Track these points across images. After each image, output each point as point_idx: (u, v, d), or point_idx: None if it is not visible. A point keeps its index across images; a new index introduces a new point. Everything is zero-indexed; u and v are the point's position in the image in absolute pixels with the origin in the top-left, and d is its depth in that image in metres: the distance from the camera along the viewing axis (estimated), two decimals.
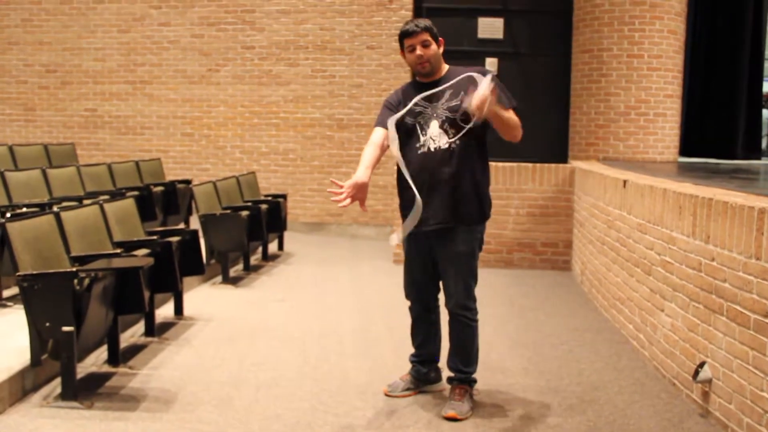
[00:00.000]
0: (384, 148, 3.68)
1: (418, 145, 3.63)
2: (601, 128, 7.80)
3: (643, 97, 7.65)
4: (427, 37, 3.59)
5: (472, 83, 3.49)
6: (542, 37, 8.41)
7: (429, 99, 3.64)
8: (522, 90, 8.17)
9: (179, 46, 9.86)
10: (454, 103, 3.58)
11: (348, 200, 3.41)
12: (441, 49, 3.68)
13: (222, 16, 9.75)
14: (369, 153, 3.62)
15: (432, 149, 3.60)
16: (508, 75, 8.06)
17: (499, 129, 3.55)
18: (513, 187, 7.41)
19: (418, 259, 3.79)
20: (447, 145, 3.58)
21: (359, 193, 3.45)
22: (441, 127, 3.59)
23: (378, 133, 3.69)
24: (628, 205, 5.05)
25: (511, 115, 3.55)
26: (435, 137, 3.60)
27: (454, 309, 3.72)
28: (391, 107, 3.72)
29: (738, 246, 3.34)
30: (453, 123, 3.57)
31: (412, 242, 3.77)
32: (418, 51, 3.59)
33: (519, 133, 3.62)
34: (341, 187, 3.42)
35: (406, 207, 3.67)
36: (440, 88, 3.61)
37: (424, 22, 3.64)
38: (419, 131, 3.64)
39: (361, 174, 3.49)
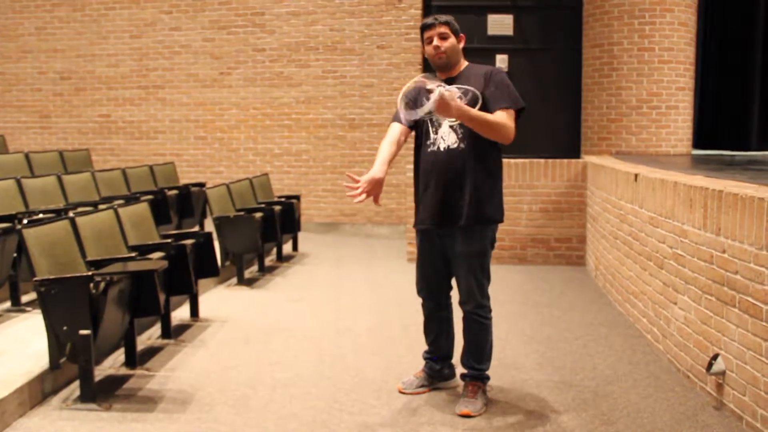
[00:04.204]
0: (400, 145, 3.73)
1: (428, 142, 3.67)
2: (613, 122, 7.77)
3: (654, 90, 7.62)
4: (445, 30, 3.63)
5: (483, 81, 3.53)
6: (552, 33, 8.39)
7: None
8: (533, 86, 8.17)
9: (191, 50, 9.93)
10: (463, 102, 3.58)
11: (363, 195, 3.48)
12: (461, 44, 3.70)
13: (232, 19, 9.81)
14: (385, 149, 3.67)
15: (442, 148, 3.62)
16: (519, 71, 8.07)
17: (479, 132, 3.49)
18: (525, 183, 7.40)
19: (430, 257, 3.81)
20: (456, 144, 3.60)
21: (375, 188, 3.53)
22: (451, 126, 3.62)
23: (394, 128, 3.74)
24: (639, 198, 5.05)
25: (489, 117, 3.46)
26: (445, 136, 3.62)
27: (467, 307, 3.73)
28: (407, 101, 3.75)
29: (749, 237, 3.34)
30: (462, 123, 3.59)
31: (424, 239, 3.79)
32: (435, 42, 3.63)
33: (501, 136, 3.51)
34: (357, 181, 3.48)
35: (419, 199, 3.73)
36: (451, 87, 3.57)
37: (446, 17, 3.68)
38: (431, 129, 3.66)
39: (377, 169, 3.56)
